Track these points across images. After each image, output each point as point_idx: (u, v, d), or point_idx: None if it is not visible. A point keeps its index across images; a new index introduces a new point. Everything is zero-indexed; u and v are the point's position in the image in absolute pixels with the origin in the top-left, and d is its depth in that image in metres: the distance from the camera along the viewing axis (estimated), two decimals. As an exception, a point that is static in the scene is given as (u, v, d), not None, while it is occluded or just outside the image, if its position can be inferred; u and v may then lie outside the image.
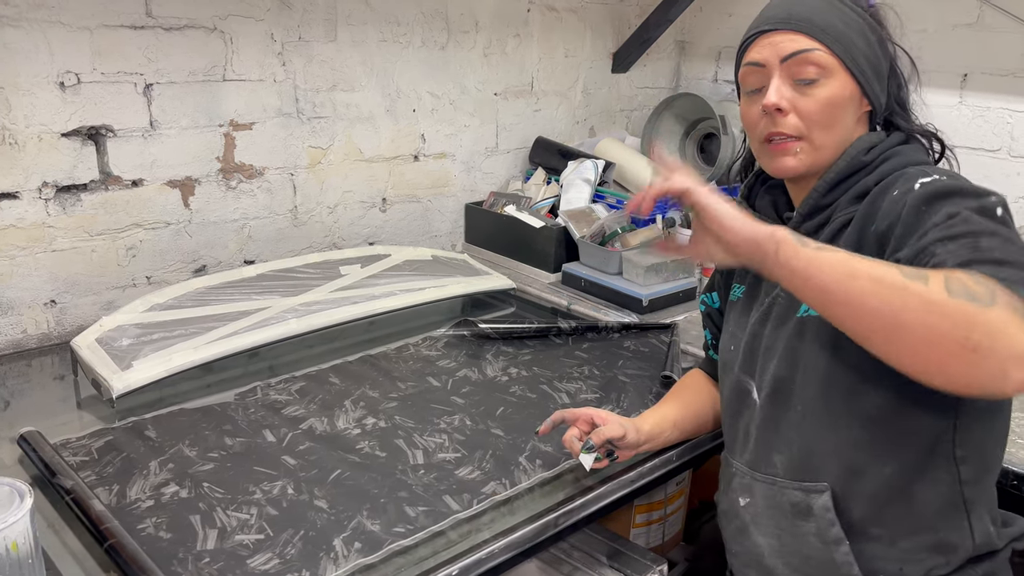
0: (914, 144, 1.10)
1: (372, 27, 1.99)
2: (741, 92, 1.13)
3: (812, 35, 1.03)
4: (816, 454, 1.04)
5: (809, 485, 1.04)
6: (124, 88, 1.65)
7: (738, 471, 1.15)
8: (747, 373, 1.14)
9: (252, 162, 1.87)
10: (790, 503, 1.06)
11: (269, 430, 1.33)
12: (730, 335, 1.20)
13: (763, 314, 1.12)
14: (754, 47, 1.08)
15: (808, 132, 1.05)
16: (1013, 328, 0.75)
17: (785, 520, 1.07)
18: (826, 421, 1.03)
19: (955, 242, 0.86)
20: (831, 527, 1.02)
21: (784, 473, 1.07)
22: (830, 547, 1.03)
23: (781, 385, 1.06)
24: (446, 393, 1.48)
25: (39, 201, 1.60)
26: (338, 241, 2.07)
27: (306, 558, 1.02)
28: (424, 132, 2.18)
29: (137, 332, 1.50)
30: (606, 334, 1.77)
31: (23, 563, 0.86)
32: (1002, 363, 0.75)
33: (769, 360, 1.09)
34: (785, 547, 1.08)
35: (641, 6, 2.61)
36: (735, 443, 1.17)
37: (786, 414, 1.06)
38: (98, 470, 1.21)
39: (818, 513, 1.03)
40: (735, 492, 1.15)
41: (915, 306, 0.78)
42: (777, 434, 1.08)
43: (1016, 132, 2.06)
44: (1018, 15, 2.00)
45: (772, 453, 1.09)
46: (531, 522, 1.11)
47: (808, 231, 1.08)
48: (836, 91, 1.04)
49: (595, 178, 2.22)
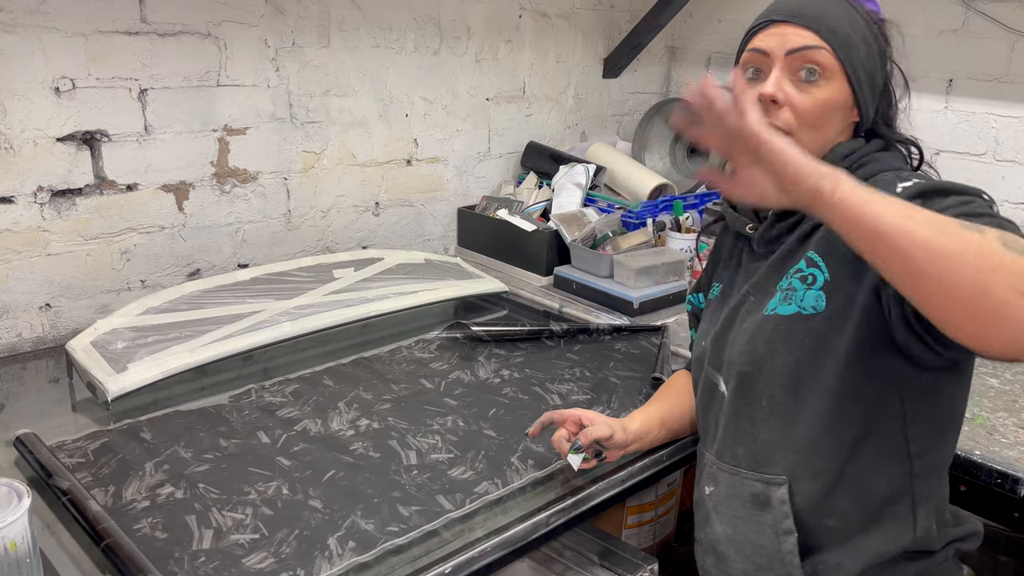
0: (893, 152, 1.11)
1: (365, 33, 2.01)
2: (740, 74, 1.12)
3: (820, 34, 1.04)
4: (777, 447, 1.07)
5: (769, 477, 1.07)
6: (119, 93, 1.66)
7: (708, 461, 1.17)
8: (714, 367, 1.16)
9: (246, 166, 1.88)
10: (751, 493, 1.09)
11: (263, 431, 1.34)
12: (703, 331, 1.23)
13: (732, 310, 1.15)
14: (761, 35, 1.08)
15: (797, 129, 1.05)
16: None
17: (744, 509, 1.10)
18: (789, 416, 1.05)
19: (979, 219, 0.85)
20: (785, 519, 1.05)
21: (746, 464, 1.10)
22: (780, 538, 1.05)
23: (746, 379, 1.09)
24: (439, 395, 1.49)
25: (34, 205, 1.61)
26: (331, 245, 2.09)
27: (301, 557, 1.03)
28: (417, 137, 2.19)
29: (132, 335, 1.51)
30: (597, 336, 1.79)
31: (21, 562, 0.87)
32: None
33: (735, 355, 1.11)
34: (739, 534, 1.10)
35: (632, 12, 2.63)
36: (707, 435, 1.20)
37: (751, 408, 1.09)
38: (94, 471, 1.22)
39: (775, 505, 1.06)
40: (703, 481, 1.18)
41: (971, 255, 0.75)
42: (742, 427, 1.11)
43: (1001, 136, 2.08)
44: (1003, 21, 2.03)
45: (736, 445, 1.11)
46: (523, 521, 1.13)
47: (781, 231, 1.11)
48: (832, 94, 1.05)
49: (586, 182, 2.24)
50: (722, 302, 1.20)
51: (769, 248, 1.13)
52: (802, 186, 0.86)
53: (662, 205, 2.21)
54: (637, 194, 2.29)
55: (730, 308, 1.15)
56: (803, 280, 1.04)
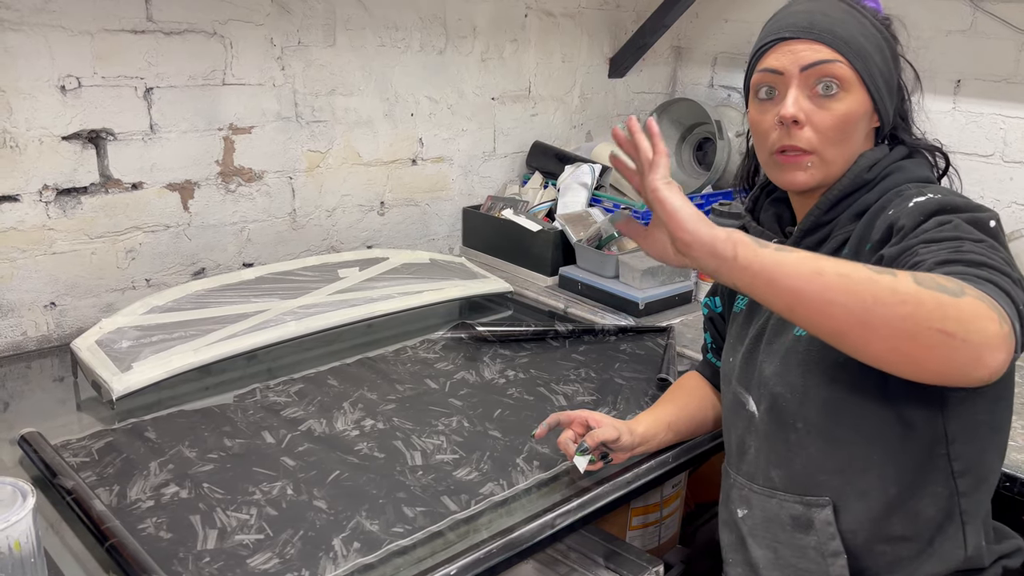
0: (918, 159, 1.08)
1: (371, 32, 2.01)
2: (752, 96, 1.09)
3: (834, 47, 1.01)
4: (817, 471, 1.04)
5: (811, 499, 1.04)
6: (124, 92, 1.66)
7: (736, 482, 1.15)
8: (743, 386, 1.13)
9: (251, 166, 1.88)
10: (790, 516, 1.06)
11: (268, 431, 1.34)
12: (731, 346, 1.20)
13: (760, 328, 1.12)
14: (772, 53, 1.04)
15: (821, 147, 1.02)
16: (983, 316, 0.75)
17: (784, 533, 1.07)
18: (828, 440, 1.02)
19: (939, 244, 0.86)
20: (831, 540, 1.02)
21: (783, 487, 1.07)
22: (827, 560, 1.03)
23: (780, 402, 1.06)
24: (444, 395, 1.49)
25: (39, 204, 1.61)
26: (336, 244, 2.09)
27: (305, 558, 1.03)
28: (422, 136, 2.19)
29: (136, 334, 1.51)
30: (602, 337, 1.78)
31: (25, 562, 0.87)
32: (976, 350, 0.75)
33: (765, 376, 1.08)
34: (781, 559, 1.07)
35: (637, 12, 2.63)
36: (732, 454, 1.17)
37: (787, 431, 1.06)
38: (98, 471, 1.22)
39: (819, 527, 1.03)
40: (733, 503, 1.15)
41: (886, 298, 0.76)
42: (776, 449, 1.07)
43: (1009, 137, 2.07)
44: (1011, 22, 2.02)
45: (771, 468, 1.08)
46: (528, 523, 1.12)
47: (808, 247, 1.06)
48: (853, 106, 1.02)
49: (592, 182, 2.23)
50: (749, 319, 1.17)
51: None
52: (695, 252, 0.86)
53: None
54: (643, 194, 2.28)
55: (758, 326, 1.13)
56: None
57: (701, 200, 2.27)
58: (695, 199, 2.26)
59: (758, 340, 1.12)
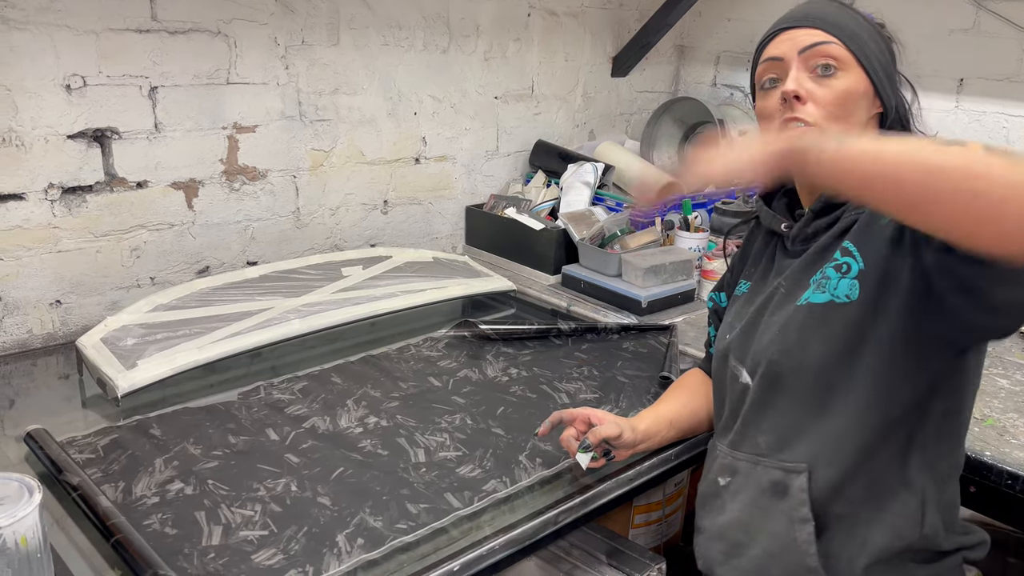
0: None
1: (374, 31, 2.01)
2: (757, 89, 1.15)
3: (829, 31, 1.07)
4: (802, 434, 1.07)
5: (789, 464, 1.07)
6: (129, 91, 1.67)
7: (720, 453, 1.17)
8: (738, 359, 1.16)
9: (255, 164, 1.89)
10: (770, 481, 1.08)
11: (272, 429, 1.34)
12: (727, 325, 1.23)
13: (762, 304, 1.15)
14: (772, 44, 1.12)
15: (824, 121, 1.07)
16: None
17: (763, 498, 1.09)
18: (818, 406, 1.05)
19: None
20: (801, 507, 1.05)
21: (768, 451, 1.10)
22: (795, 526, 1.05)
23: (775, 368, 1.09)
24: (447, 393, 1.49)
25: (45, 202, 1.61)
26: (340, 243, 2.09)
27: (310, 554, 1.04)
28: (425, 135, 2.19)
29: (141, 332, 1.52)
30: (605, 335, 1.78)
31: (32, 557, 0.88)
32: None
33: (764, 346, 1.11)
34: (753, 521, 1.10)
35: (640, 11, 2.63)
36: (720, 428, 1.20)
37: (777, 397, 1.09)
38: (104, 467, 1.22)
39: (793, 493, 1.06)
40: (715, 473, 1.18)
41: (956, 164, 0.76)
42: (765, 415, 1.11)
43: (1012, 136, 2.07)
44: (1014, 21, 2.02)
45: (757, 433, 1.11)
46: (531, 520, 1.13)
47: (817, 228, 1.11)
48: (852, 84, 1.07)
49: (595, 181, 2.23)
50: (751, 298, 1.20)
51: (803, 246, 1.13)
52: (775, 161, 0.91)
53: (671, 204, 2.21)
54: (645, 193, 2.28)
55: (759, 303, 1.16)
56: (837, 268, 1.05)
57: (704, 199, 2.28)
58: (696, 198, 2.26)
59: (759, 314, 1.15)
